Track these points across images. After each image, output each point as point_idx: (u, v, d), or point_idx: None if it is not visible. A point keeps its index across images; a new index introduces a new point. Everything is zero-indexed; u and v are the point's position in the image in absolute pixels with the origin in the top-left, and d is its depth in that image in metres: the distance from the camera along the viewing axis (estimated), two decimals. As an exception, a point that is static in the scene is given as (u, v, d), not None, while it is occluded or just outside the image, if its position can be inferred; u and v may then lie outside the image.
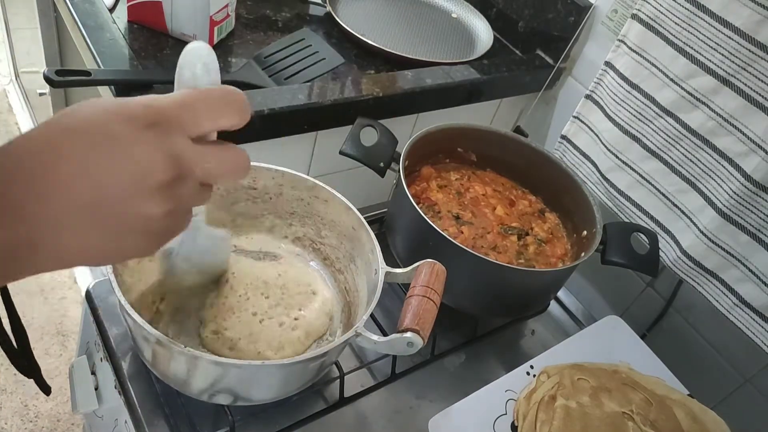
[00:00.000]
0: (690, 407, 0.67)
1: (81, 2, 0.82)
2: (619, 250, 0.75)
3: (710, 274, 0.79)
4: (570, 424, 0.61)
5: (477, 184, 0.85)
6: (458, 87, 0.93)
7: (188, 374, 0.53)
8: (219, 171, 0.36)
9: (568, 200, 0.83)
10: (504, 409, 0.66)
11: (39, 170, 0.29)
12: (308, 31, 0.95)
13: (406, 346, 0.52)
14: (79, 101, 0.32)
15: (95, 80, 0.70)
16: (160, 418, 0.60)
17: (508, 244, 0.77)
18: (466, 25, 1.11)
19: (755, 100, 0.70)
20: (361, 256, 0.65)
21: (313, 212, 0.69)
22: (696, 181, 0.79)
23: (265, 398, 0.59)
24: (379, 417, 0.67)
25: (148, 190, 0.31)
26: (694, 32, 0.74)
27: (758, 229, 0.73)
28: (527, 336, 0.83)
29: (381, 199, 0.92)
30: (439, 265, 0.58)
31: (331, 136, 0.86)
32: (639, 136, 0.83)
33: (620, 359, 0.73)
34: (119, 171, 0.31)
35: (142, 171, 0.31)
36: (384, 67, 0.94)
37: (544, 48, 1.02)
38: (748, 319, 0.77)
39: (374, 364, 0.72)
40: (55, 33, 1.29)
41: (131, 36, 0.83)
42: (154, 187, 0.32)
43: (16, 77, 2.02)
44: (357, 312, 0.64)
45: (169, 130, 0.32)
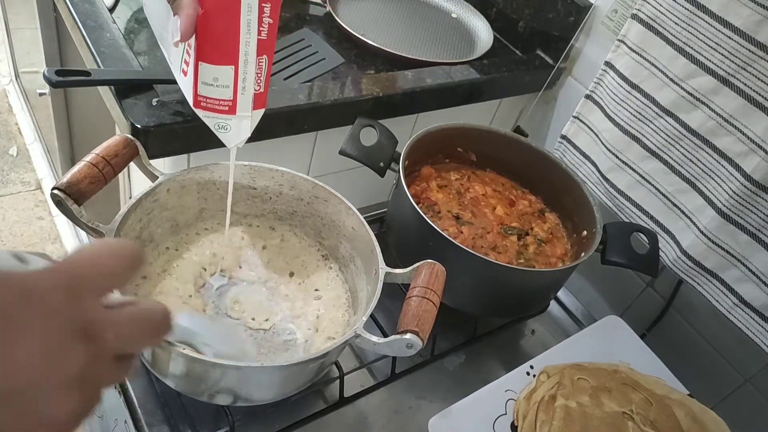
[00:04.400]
0: (690, 407, 0.67)
1: (81, 2, 0.82)
2: (619, 250, 0.75)
3: (710, 274, 0.79)
4: (570, 424, 0.61)
5: (477, 184, 0.85)
6: (458, 87, 0.92)
7: (188, 374, 0.53)
8: (135, 337, 0.29)
9: (568, 200, 0.83)
10: (504, 409, 0.66)
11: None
12: (308, 31, 0.95)
13: (406, 347, 0.52)
14: (78, 101, 0.30)
15: (95, 80, 0.70)
16: (160, 418, 0.60)
17: (508, 244, 0.77)
18: (466, 25, 1.11)
19: (755, 100, 0.70)
20: (361, 256, 0.65)
21: (313, 212, 0.69)
22: (696, 181, 0.78)
23: (265, 398, 0.59)
24: (379, 417, 0.67)
25: (58, 384, 0.26)
26: (694, 32, 0.74)
27: (758, 229, 0.73)
28: (527, 336, 0.83)
29: (381, 199, 0.92)
30: (439, 266, 0.58)
31: (331, 136, 0.86)
32: (639, 136, 0.83)
33: (620, 359, 0.73)
34: (19, 367, 0.24)
35: (50, 361, 0.25)
36: (384, 67, 0.94)
37: (544, 48, 1.02)
38: (748, 319, 0.77)
39: (374, 364, 0.72)
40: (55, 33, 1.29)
41: (131, 36, 0.83)
42: (66, 379, 0.26)
43: (16, 77, 2.02)
44: (357, 312, 0.64)
45: (78, 298, 0.27)
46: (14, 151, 2.00)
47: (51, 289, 0.26)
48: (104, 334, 0.28)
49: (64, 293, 0.26)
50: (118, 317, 0.29)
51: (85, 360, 0.26)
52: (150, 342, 0.31)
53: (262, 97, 0.51)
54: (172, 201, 0.64)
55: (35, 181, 1.93)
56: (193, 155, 0.78)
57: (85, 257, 0.28)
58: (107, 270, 0.29)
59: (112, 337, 0.28)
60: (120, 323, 0.29)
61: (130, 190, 0.92)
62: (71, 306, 0.26)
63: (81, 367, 0.26)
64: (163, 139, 0.70)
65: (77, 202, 0.54)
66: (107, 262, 0.29)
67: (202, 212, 0.68)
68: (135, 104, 0.69)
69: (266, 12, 0.47)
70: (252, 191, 0.68)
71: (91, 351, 0.27)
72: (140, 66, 0.76)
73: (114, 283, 0.29)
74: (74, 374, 0.26)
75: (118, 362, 0.29)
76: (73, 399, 0.26)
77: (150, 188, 0.60)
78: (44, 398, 0.25)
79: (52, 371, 0.25)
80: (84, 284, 0.27)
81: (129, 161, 0.59)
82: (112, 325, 0.28)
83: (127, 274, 0.30)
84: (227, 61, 0.47)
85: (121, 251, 0.29)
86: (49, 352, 0.25)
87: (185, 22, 0.44)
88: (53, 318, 0.25)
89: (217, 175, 0.65)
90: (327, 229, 0.69)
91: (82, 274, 0.28)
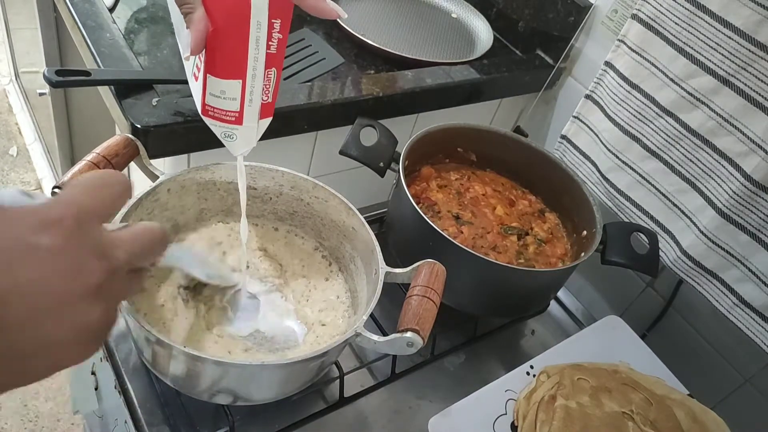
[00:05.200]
0: (690, 407, 0.67)
1: (81, 2, 0.82)
2: (619, 250, 0.75)
3: (710, 274, 0.79)
4: (570, 424, 0.61)
5: (477, 184, 0.85)
6: (458, 87, 0.93)
7: (188, 374, 0.53)
8: (142, 251, 0.34)
9: (568, 200, 0.83)
10: (504, 409, 0.66)
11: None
12: (308, 31, 0.95)
13: (406, 345, 0.52)
14: (78, 101, 0.31)
15: (95, 80, 0.70)
16: (160, 418, 0.60)
17: (508, 244, 0.77)
18: (466, 25, 1.11)
19: (755, 100, 0.70)
20: (361, 256, 0.65)
21: (313, 212, 0.69)
22: (696, 181, 0.79)
23: (265, 398, 0.58)
24: (379, 417, 0.67)
25: (83, 295, 0.30)
26: (694, 32, 0.74)
27: (758, 229, 0.73)
28: (527, 336, 0.83)
29: (381, 199, 0.92)
30: (439, 265, 0.58)
31: (331, 136, 0.86)
32: (639, 136, 0.83)
33: (620, 359, 0.73)
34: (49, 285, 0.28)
35: (73, 276, 0.29)
36: (384, 67, 0.94)
37: (544, 48, 1.02)
38: (748, 319, 0.77)
39: (374, 364, 0.72)
40: (55, 33, 1.29)
41: (131, 36, 0.83)
42: (89, 290, 0.30)
43: (16, 77, 2.02)
44: (357, 312, 0.64)
45: (86, 223, 0.31)
46: (14, 151, 2.00)
47: (62, 217, 0.30)
48: (115, 251, 0.32)
49: (73, 219, 0.30)
50: (123, 236, 0.33)
51: (102, 273, 0.31)
52: (154, 254, 0.36)
53: (269, 107, 0.51)
54: (173, 201, 0.64)
55: (35, 181, 1.93)
56: (193, 155, 0.78)
57: (83, 189, 0.33)
58: (105, 198, 0.33)
59: (122, 253, 0.32)
60: (126, 240, 0.33)
61: (130, 190, 0.92)
62: (82, 230, 0.30)
63: (100, 279, 0.30)
64: (163, 139, 0.70)
65: (77, 201, 0.54)
66: (103, 191, 0.33)
67: (202, 212, 0.68)
68: (135, 104, 0.69)
69: (276, 28, 0.47)
70: (252, 191, 0.68)
71: (105, 266, 0.31)
72: (140, 66, 0.76)
73: (112, 210, 0.34)
74: (95, 285, 0.30)
75: (130, 276, 0.34)
76: (98, 307, 0.30)
77: (151, 188, 0.60)
78: (75, 307, 0.29)
79: (77, 283, 0.29)
80: (88, 211, 0.31)
81: (129, 161, 0.59)
82: (120, 242, 0.33)
83: (120, 201, 0.34)
84: (235, 76, 0.47)
85: (113, 181, 0.34)
86: (71, 268, 0.29)
87: (196, 37, 0.45)
88: (69, 240, 0.29)
89: (218, 176, 0.65)
90: (327, 230, 0.69)
91: (85, 202, 0.32)
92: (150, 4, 0.91)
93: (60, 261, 0.29)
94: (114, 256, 0.32)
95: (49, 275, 0.28)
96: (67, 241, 0.29)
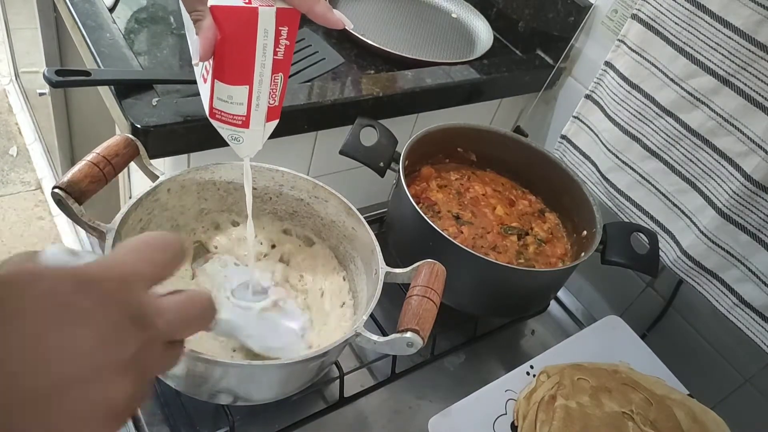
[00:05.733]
0: (690, 407, 0.67)
1: (81, 2, 0.82)
2: (619, 250, 0.75)
3: (710, 274, 0.79)
4: (570, 424, 0.61)
5: (477, 184, 0.85)
6: (458, 87, 0.93)
7: (188, 374, 0.53)
8: (185, 323, 0.31)
9: (568, 200, 0.83)
10: (504, 409, 0.66)
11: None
12: (308, 31, 0.95)
13: (406, 346, 0.52)
14: (78, 101, 0.30)
15: (95, 80, 0.70)
16: (160, 418, 0.60)
17: (508, 244, 0.77)
18: (466, 25, 1.11)
19: (755, 100, 0.70)
20: (361, 256, 0.65)
21: (313, 212, 0.69)
22: (696, 181, 0.79)
23: (265, 398, 0.58)
24: (379, 417, 0.67)
25: (114, 365, 0.27)
26: (694, 32, 0.74)
27: (758, 229, 0.73)
28: (527, 336, 0.83)
29: (381, 199, 0.92)
30: (439, 265, 0.58)
31: (331, 136, 0.86)
32: (639, 136, 0.83)
33: (620, 359, 0.73)
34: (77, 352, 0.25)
35: (107, 343, 0.26)
36: (384, 67, 0.94)
37: (544, 48, 1.02)
38: (748, 319, 0.77)
39: (374, 364, 0.72)
40: (55, 33, 1.29)
41: (131, 36, 0.84)
42: (121, 360, 0.27)
43: (16, 77, 2.02)
44: (357, 312, 0.64)
45: (129, 286, 0.28)
46: (14, 151, 2.00)
47: (103, 279, 0.27)
48: (155, 321, 0.29)
49: (115, 283, 0.28)
50: (167, 305, 0.30)
51: (138, 345, 0.28)
52: (197, 327, 0.32)
53: (276, 110, 0.52)
54: (173, 201, 0.64)
55: (35, 181, 1.93)
56: (193, 155, 0.78)
57: (132, 250, 0.30)
58: (154, 261, 0.30)
59: (163, 324, 0.29)
60: (169, 310, 0.30)
61: (130, 190, 0.93)
62: (123, 295, 0.28)
63: (134, 351, 0.27)
64: (163, 139, 0.70)
65: (78, 201, 0.54)
66: (153, 253, 0.30)
67: (202, 212, 0.68)
68: (135, 104, 0.69)
69: (283, 35, 0.47)
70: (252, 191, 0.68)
71: (143, 337, 0.28)
72: (140, 66, 0.76)
73: (161, 274, 0.31)
74: (128, 358, 0.27)
75: (168, 349, 0.31)
76: (128, 383, 0.27)
77: (151, 188, 0.60)
78: (102, 382, 0.26)
79: (108, 355, 0.26)
80: (133, 274, 0.29)
81: (129, 161, 0.59)
82: (162, 312, 0.30)
83: (172, 265, 0.31)
84: (242, 82, 0.47)
85: (165, 243, 0.31)
86: (105, 337, 0.26)
87: (204, 44, 0.45)
88: (107, 306, 0.27)
89: (218, 176, 0.65)
90: (327, 229, 0.69)
91: (132, 264, 0.29)
92: (150, 4, 0.91)
93: (92, 327, 0.26)
94: (152, 326, 0.29)
95: (78, 342, 0.26)
96: (103, 305, 0.27)
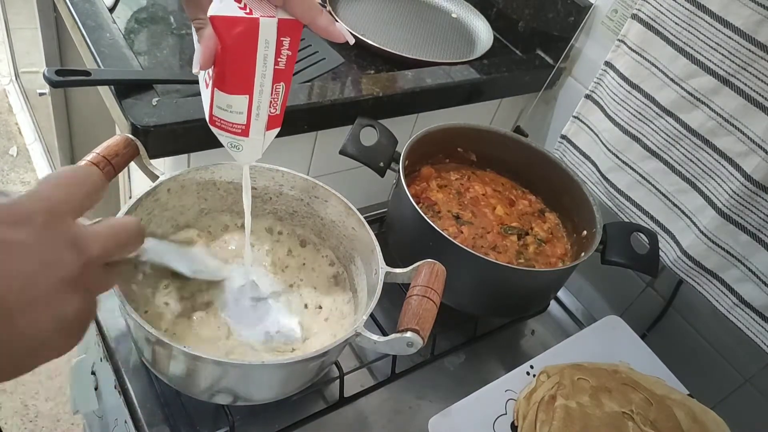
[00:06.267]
0: (690, 407, 0.67)
1: (81, 2, 0.82)
2: (619, 250, 0.75)
3: (710, 274, 0.79)
4: (570, 424, 0.61)
5: (477, 184, 0.85)
6: (458, 87, 0.93)
7: (188, 374, 0.53)
8: (117, 244, 0.35)
9: (568, 200, 0.83)
10: (504, 409, 0.66)
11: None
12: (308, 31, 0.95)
13: (406, 345, 0.52)
14: (78, 101, 0.31)
15: (95, 80, 0.70)
16: (160, 418, 0.60)
17: (508, 244, 0.77)
18: (466, 25, 1.11)
19: (755, 100, 0.70)
20: (361, 256, 0.65)
21: (313, 212, 0.69)
22: (696, 181, 0.79)
23: (265, 398, 0.58)
24: (379, 417, 0.67)
25: (59, 287, 0.30)
26: (694, 32, 0.74)
27: (758, 229, 0.73)
28: (527, 336, 0.83)
29: (381, 199, 0.92)
30: (439, 265, 0.58)
31: (331, 136, 0.86)
32: (639, 136, 0.83)
33: (620, 359, 0.73)
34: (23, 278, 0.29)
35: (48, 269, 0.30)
36: (384, 67, 0.94)
37: (544, 48, 1.02)
38: (748, 319, 0.77)
39: (374, 364, 0.72)
40: (55, 33, 1.29)
41: (131, 36, 0.84)
42: (64, 282, 0.30)
43: (16, 77, 2.02)
44: (357, 312, 0.64)
45: (59, 217, 0.31)
46: (14, 151, 2.00)
47: (35, 211, 0.30)
48: (89, 245, 0.33)
49: (45, 214, 0.31)
50: (98, 230, 0.34)
51: (77, 265, 0.31)
52: (129, 248, 0.36)
53: (277, 118, 0.51)
54: (173, 201, 0.64)
55: (35, 181, 1.92)
56: (193, 155, 0.78)
57: (56, 185, 0.33)
58: (78, 193, 0.33)
59: (98, 246, 0.33)
60: (100, 234, 0.34)
61: (130, 190, 0.93)
62: (55, 224, 0.31)
63: (74, 271, 0.31)
64: (163, 139, 0.70)
65: (77, 201, 0.54)
66: (75, 187, 0.34)
67: (202, 212, 0.68)
68: (135, 104, 0.70)
69: (285, 45, 0.46)
70: (252, 191, 0.68)
71: (82, 259, 0.32)
72: (140, 66, 0.76)
73: (84, 204, 0.34)
74: (70, 277, 0.31)
75: (106, 269, 0.35)
76: (75, 300, 0.31)
77: (151, 188, 0.60)
78: (52, 300, 0.30)
79: (51, 276, 0.30)
80: (61, 206, 0.32)
81: (130, 161, 0.59)
82: (94, 236, 0.33)
83: (94, 196, 0.35)
84: (242, 92, 0.47)
85: (84, 176, 0.34)
86: (45, 261, 0.30)
87: (204, 53, 0.45)
88: (43, 234, 0.30)
89: (218, 176, 0.65)
90: (327, 230, 0.69)
91: (58, 197, 0.32)
92: (150, 4, 0.91)
93: (33, 255, 0.29)
94: (88, 249, 0.32)
95: (23, 269, 0.29)
96: (40, 236, 0.30)
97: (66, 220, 0.32)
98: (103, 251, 0.33)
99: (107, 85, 0.72)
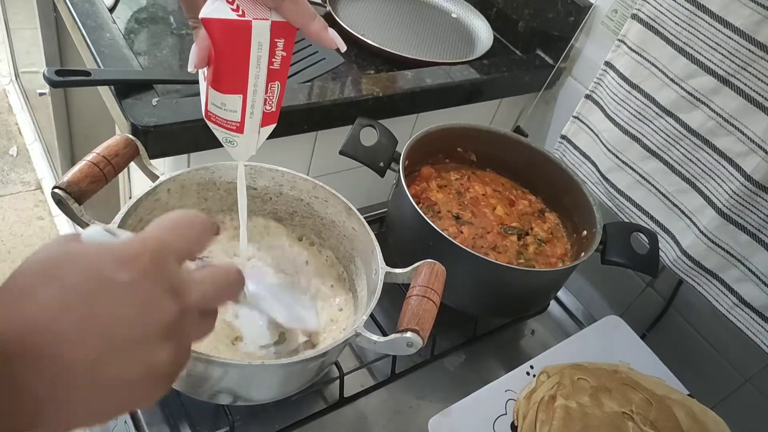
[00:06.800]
0: (690, 407, 0.67)
1: (81, 2, 0.82)
2: (619, 250, 0.75)
3: (710, 274, 0.79)
4: (570, 424, 0.61)
5: (477, 184, 0.85)
6: (458, 87, 0.93)
7: (188, 374, 0.53)
8: (217, 293, 0.34)
9: (568, 200, 0.83)
10: (504, 409, 0.66)
11: (37, 345, 0.26)
12: (308, 31, 0.95)
13: (406, 346, 0.52)
14: (78, 101, 0.31)
15: (95, 80, 0.70)
16: (160, 418, 0.60)
17: (508, 244, 0.77)
18: (466, 25, 1.11)
19: (755, 100, 0.70)
20: (361, 256, 0.65)
21: (313, 212, 0.69)
22: (696, 181, 0.79)
23: (265, 398, 0.58)
24: (379, 417, 0.67)
25: (154, 333, 0.29)
26: (694, 32, 0.74)
27: (758, 229, 0.73)
28: (527, 336, 0.83)
29: (381, 199, 0.92)
30: (439, 265, 0.58)
31: (331, 136, 0.86)
32: (639, 136, 0.83)
33: (620, 359, 0.73)
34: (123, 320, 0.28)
35: (146, 313, 0.29)
36: (384, 67, 0.94)
37: (544, 48, 1.02)
38: (748, 319, 0.77)
39: (374, 364, 0.72)
40: (55, 33, 1.29)
41: (131, 36, 0.84)
42: (161, 328, 0.30)
43: (16, 77, 2.02)
44: (357, 312, 0.64)
45: (163, 261, 0.31)
46: (14, 151, 2.00)
47: (140, 254, 0.30)
48: (190, 292, 0.32)
49: (150, 257, 0.30)
50: (199, 277, 0.33)
51: (175, 313, 0.30)
52: (228, 297, 0.35)
53: (273, 115, 0.51)
54: (173, 201, 0.64)
55: (35, 181, 1.93)
56: (193, 155, 0.78)
57: (165, 227, 0.33)
58: (185, 237, 0.33)
59: (197, 294, 0.32)
60: (202, 282, 0.33)
61: (130, 190, 0.93)
62: (159, 268, 0.30)
63: (172, 319, 0.30)
64: (163, 139, 0.70)
65: (78, 201, 0.54)
66: (185, 230, 0.33)
67: (203, 212, 0.68)
68: (135, 104, 0.69)
69: (279, 47, 0.46)
70: (252, 191, 0.68)
71: (180, 306, 0.31)
72: (140, 66, 0.76)
73: (192, 249, 0.34)
74: (168, 325, 0.30)
75: (203, 317, 0.34)
76: (169, 348, 0.30)
77: (151, 188, 0.60)
78: (146, 347, 0.29)
79: (149, 322, 0.29)
80: (167, 250, 0.31)
81: (129, 161, 0.59)
82: (195, 283, 0.33)
83: (203, 241, 0.34)
84: (235, 91, 0.47)
85: (194, 221, 0.34)
86: (144, 306, 0.29)
87: (198, 54, 0.45)
88: (145, 278, 0.29)
89: (218, 176, 0.65)
90: (327, 230, 0.69)
91: (165, 240, 0.32)
92: (150, 4, 0.91)
93: (134, 297, 0.29)
94: (188, 296, 0.32)
95: (123, 311, 0.28)
96: (143, 278, 0.29)
97: (170, 264, 0.31)
98: (202, 300, 0.33)
99: (107, 85, 0.72)
